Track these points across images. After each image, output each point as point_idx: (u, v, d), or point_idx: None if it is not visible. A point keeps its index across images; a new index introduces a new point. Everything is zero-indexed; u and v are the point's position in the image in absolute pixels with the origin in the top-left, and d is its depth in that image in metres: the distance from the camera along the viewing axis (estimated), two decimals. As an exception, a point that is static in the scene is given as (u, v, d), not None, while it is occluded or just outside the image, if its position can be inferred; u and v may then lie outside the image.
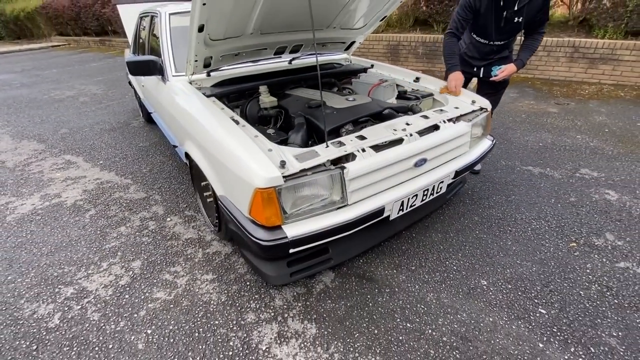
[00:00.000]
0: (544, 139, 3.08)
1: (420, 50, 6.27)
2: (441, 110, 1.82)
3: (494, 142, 2.01)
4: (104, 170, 2.84)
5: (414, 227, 1.99)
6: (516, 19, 1.96)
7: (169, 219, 2.15)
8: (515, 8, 1.91)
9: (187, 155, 1.92)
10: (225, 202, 1.46)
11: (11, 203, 2.39)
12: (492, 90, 2.29)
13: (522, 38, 2.13)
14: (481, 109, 1.91)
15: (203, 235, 2.00)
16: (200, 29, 1.61)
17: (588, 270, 1.65)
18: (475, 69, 2.28)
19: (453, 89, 1.98)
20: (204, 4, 1.46)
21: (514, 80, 5.16)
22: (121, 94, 5.35)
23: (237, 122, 1.54)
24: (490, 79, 2.18)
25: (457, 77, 1.99)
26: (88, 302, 1.55)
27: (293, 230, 1.27)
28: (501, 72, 2.11)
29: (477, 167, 2.52)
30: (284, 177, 1.22)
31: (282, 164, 1.24)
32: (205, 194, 1.89)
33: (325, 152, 1.36)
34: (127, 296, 1.58)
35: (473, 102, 1.93)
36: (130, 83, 4.03)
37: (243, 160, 1.28)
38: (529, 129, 3.32)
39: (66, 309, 1.52)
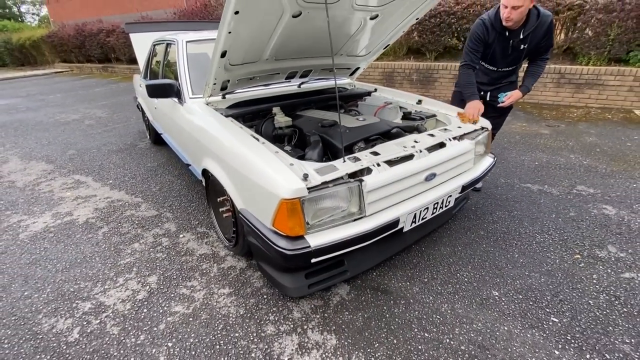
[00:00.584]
0: (539, 158, 3.22)
1: (414, 76, 6.57)
2: (445, 129, 1.93)
3: (495, 159, 2.12)
4: (114, 189, 2.89)
5: (423, 241, 2.04)
6: (522, 46, 2.05)
7: (181, 236, 2.18)
8: (521, 36, 2.01)
9: (204, 172, 2.00)
10: (246, 215, 1.52)
11: (23, 221, 2.41)
12: (496, 113, 2.37)
13: (527, 64, 2.23)
14: (482, 128, 2.04)
15: (217, 250, 2.03)
16: (223, 54, 1.74)
17: (595, 281, 1.70)
18: (482, 93, 2.35)
19: (471, 117, 2.02)
20: (230, 33, 1.59)
21: (506, 104, 5.41)
22: (126, 117, 5.47)
23: (257, 139, 1.63)
24: (498, 105, 2.25)
25: (476, 105, 2.07)
26: (107, 317, 1.55)
27: (315, 240, 1.33)
28: (507, 98, 2.19)
29: (479, 185, 2.62)
30: (307, 188, 1.29)
31: (305, 177, 1.31)
32: (221, 209, 1.94)
33: (343, 166, 1.44)
34: (145, 310, 1.59)
35: (474, 122, 2.06)
36: (138, 106, 4.16)
37: (268, 173, 1.36)
38: (524, 149, 3.47)
39: (85, 323, 1.52)
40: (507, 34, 2.03)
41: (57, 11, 21.61)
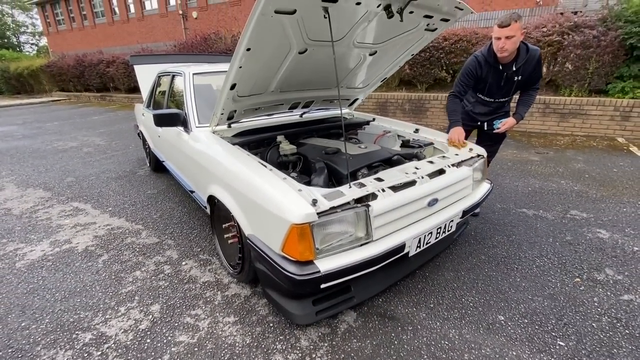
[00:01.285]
0: (531, 184, 3.33)
1: (407, 106, 6.84)
2: (443, 156, 2.02)
3: (492, 185, 2.20)
4: (114, 216, 2.87)
5: (427, 267, 2.06)
6: (515, 77, 2.22)
7: (184, 263, 2.16)
8: (514, 68, 2.17)
9: (209, 199, 2.02)
10: (255, 241, 1.54)
11: (20, 249, 2.36)
12: (490, 142, 2.55)
13: (518, 94, 2.41)
14: (478, 155, 2.14)
15: (220, 278, 2.01)
16: (232, 87, 1.84)
17: (596, 304, 1.73)
18: (479, 123, 2.53)
19: (455, 141, 2.17)
20: (240, 67, 1.69)
21: (496, 132, 5.64)
22: (124, 145, 5.52)
23: (265, 166, 1.68)
24: (493, 131, 2.41)
25: (459, 131, 2.22)
26: (108, 348, 1.51)
27: (325, 265, 1.35)
28: (503, 125, 2.35)
29: (477, 210, 2.68)
30: (317, 213, 1.33)
31: (314, 202, 1.36)
32: (226, 235, 1.95)
33: (350, 192, 1.49)
34: (148, 340, 1.55)
35: (470, 149, 2.16)
36: (139, 134, 4.22)
37: (278, 199, 1.40)
38: (517, 175, 3.59)
39: (86, 355, 1.47)
40: (500, 67, 2.19)
41: (58, 42, 22.22)
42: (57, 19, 21.67)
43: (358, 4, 1.56)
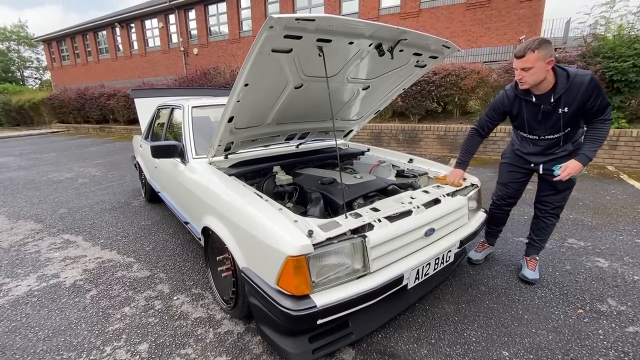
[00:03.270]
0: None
1: (401, 136, 7.01)
2: (438, 186, 2.04)
3: (488, 214, 2.21)
4: (105, 249, 2.80)
5: (426, 299, 2.01)
6: (560, 109, 1.81)
7: (175, 298, 2.09)
8: (552, 100, 1.80)
9: (204, 230, 2.00)
10: (249, 274, 1.50)
11: (5, 285, 2.27)
12: (552, 190, 2.07)
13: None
14: (472, 185, 2.16)
15: (213, 313, 1.93)
16: (230, 119, 1.88)
17: (601, 337, 1.68)
18: (532, 165, 2.07)
19: (450, 182, 2.07)
20: (238, 101, 1.74)
21: (488, 162, 5.75)
22: (120, 176, 5.51)
23: (260, 197, 1.68)
24: (554, 179, 1.93)
25: (458, 174, 2.11)
26: (91, 393, 1.41)
27: (321, 299, 1.31)
28: (562, 170, 1.85)
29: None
30: (313, 245, 1.31)
31: (310, 233, 1.34)
32: (219, 268, 1.90)
33: (346, 222, 1.48)
34: (134, 384, 1.45)
35: (464, 179, 2.18)
36: (136, 165, 4.24)
37: (274, 230, 1.38)
38: (512, 204, 3.60)
39: (66, 401, 1.37)
40: (534, 99, 1.86)
41: (61, 76, 22.88)
42: (62, 55, 22.50)
43: (351, 43, 1.65)
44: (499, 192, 2.29)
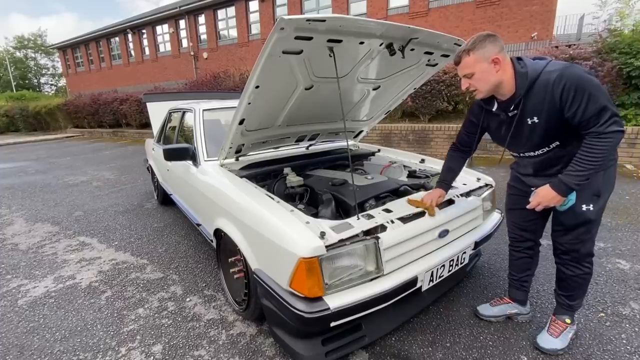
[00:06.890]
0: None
1: (411, 137, 6.94)
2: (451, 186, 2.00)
3: (503, 214, 2.16)
4: (119, 250, 2.85)
5: (441, 302, 1.97)
6: (528, 119, 1.38)
7: (188, 299, 2.10)
8: (511, 108, 1.40)
9: (216, 232, 2.01)
10: (261, 275, 1.50)
11: (23, 286, 2.33)
12: (560, 227, 1.51)
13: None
14: (486, 185, 2.12)
15: (225, 315, 1.94)
16: (241, 122, 1.89)
17: (624, 341, 1.62)
18: (533, 189, 1.48)
19: (424, 204, 1.65)
20: (249, 103, 1.75)
21: (502, 162, 5.63)
22: (133, 179, 5.61)
23: (272, 198, 1.68)
24: (527, 206, 1.46)
25: (435, 194, 1.68)
26: (106, 393, 1.42)
27: (334, 301, 1.29)
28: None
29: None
30: (325, 246, 1.30)
31: (322, 235, 1.33)
32: (232, 270, 1.90)
33: (358, 223, 1.47)
34: (149, 385, 1.46)
35: (478, 179, 2.14)
36: (148, 168, 4.30)
37: (286, 232, 1.38)
38: (527, 204, 3.52)
39: (82, 401, 1.39)
40: (494, 109, 1.48)
41: (76, 82, 23.49)
42: (76, 62, 23.11)
43: (361, 43, 1.64)
44: (508, 222, 1.83)
